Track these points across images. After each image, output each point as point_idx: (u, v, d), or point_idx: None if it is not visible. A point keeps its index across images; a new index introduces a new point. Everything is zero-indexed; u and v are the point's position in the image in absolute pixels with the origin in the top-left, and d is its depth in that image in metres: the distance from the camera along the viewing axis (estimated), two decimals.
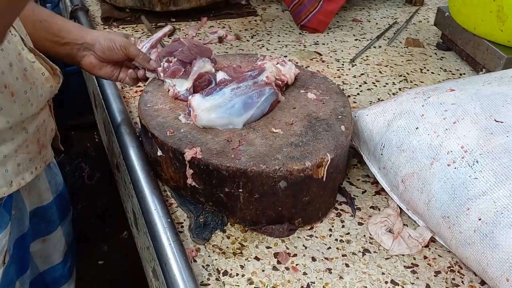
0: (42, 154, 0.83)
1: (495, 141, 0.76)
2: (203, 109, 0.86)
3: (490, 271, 0.71)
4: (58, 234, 0.98)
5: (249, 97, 0.88)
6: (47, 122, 0.83)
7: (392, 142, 0.87)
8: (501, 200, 0.71)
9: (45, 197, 0.92)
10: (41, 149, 0.82)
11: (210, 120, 0.86)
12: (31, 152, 0.79)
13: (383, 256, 0.81)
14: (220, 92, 0.89)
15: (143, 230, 0.86)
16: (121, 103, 1.07)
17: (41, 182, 0.90)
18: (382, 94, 1.25)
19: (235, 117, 0.86)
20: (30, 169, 0.79)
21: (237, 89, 0.89)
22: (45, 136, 0.83)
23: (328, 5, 1.52)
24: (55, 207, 0.95)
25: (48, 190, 0.92)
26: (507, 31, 1.19)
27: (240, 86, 0.90)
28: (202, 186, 0.83)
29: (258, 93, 0.89)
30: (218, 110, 0.86)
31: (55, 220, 0.96)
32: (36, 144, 0.80)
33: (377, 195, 0.93)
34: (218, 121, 0.86)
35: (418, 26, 1.64)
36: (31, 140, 0.78)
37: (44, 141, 0.83)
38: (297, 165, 0.79)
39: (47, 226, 0.95)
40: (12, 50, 0.72)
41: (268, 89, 0.89)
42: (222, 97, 0.88)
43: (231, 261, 0.78)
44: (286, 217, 0.84)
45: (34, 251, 0.94)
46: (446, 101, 0.85)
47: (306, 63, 1.37)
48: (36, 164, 0.81)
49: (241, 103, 0.87)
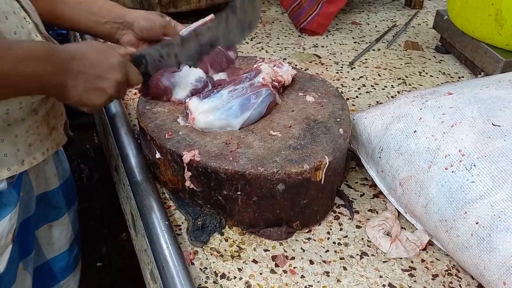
0: (53, 136, 0.85)
1: (492, 145, 0.76)
2: (201, 111, 0.86)
3: (487, 275, 0.71)
4: (65, 221, 0.99)
5: (246, 99, 0.88)
6: (56, 106, 0.86)
7: (390, 145, 0.87)
8: (498, 204, 0.71)
9: (52, 182, 0.94)
10: (52, 131, 0.84)
11: (208, 122, 0.86)
12: (42, 134, 0.82)
13: (381, 259, 0.81)
14: (217, 95, 0.89)
15: (141, 232, 0.86)
16: (119, 105, 1.07)
17: (49, 166, 0.92)
18: (380, 97, 1.25)
19: (233, 118, 0.86)
20: (41, 150, 0.82)
21: (234, 91, 0.89)
22: (55, 119, 0.85)
23: (328, 8, 1.52)
24: (62, 193, 0.97)
25: (56, 175, 0.94)
26: (505, 34, 1.20)
27: (237, 88, 0.90)
28: (200, 189, 0.83)
29: (255, 94, 0.89)
30: (216, 112, 0.86)
31: (62, 207, 0.98)
32: (46, 126, 0.83)
33: (375, 198, 0.93)
34: (216, 123, 0.86)
35: (417, 29, 1.65)
36: (40, 121, 0.81)
37: (54, 124, 0.85)
38: (295, 168, 0.79)
39: (54, 212, 0.96)
40: (25, 35, 0.76)
41: (264, 90, 0.89)
42: (219, 99, 0.88)
43: (229, 264, 0.78)
44: (284, 220, 0.84)
45: (42, 237, 0.96)
46: (444, 104, 0.85)
47: (305, 65, 1.37)
48: (47, 145, 0.84)
49: (238, 104, 0.87)
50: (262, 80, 0.92)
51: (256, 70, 0.94)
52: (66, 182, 0.98)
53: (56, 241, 0.99)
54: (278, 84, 0.95)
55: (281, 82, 0.96)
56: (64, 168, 0.98)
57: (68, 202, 0.99)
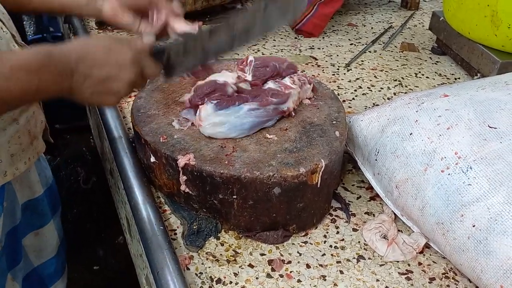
0: (34, 145, 0.84)
1: (488, 147, 0.76)
2: (211, 123, 0.84)
3: (484, 278, 0.71)
4: (51, 227, 0.99)
5: (260, 122, 0.86)
6: (37, 114, 0.84)
7: (387, 147, 0.87)
8: (495, 207, 0.70)
9: (36, 189, 0.93)
10: (33, 140, 0.83)
11: (214, 134, 0.85)
12: (23, 143, 0.80)
13: (378, 262, 0.81)
14: (236, 108, 0.85)
15: (136, 237, 0.85)
16: (114, 109, 1.06)
17: (32, 174, 0.91)
18: (377, 98, 1.25)
19: (238, 133, 0.85)
20: (23, 160, 0.81)
21: (255, 111, 0.85)
22: (35, 127, 0.84)
23: (323, 9, 1.52)
24: (46, 200, 0.96)
25: (39, 182, 0.93)
26: (501, 35, 1.20)
27: (260, 109, 0.86)
28: (195, 193, 0.83)
29: (271, 117, 0.88)
30: (226, 126, 0.84)
31: (47, 213, 0.97)
32: (28, 135, 0.81)
33: (371, 201, 0.93)
34: (220, 135, 0.85)
35: (413, 31, 1.65)
36: (22, 131, 0.79)
37: (35, 132, 0.84)
38: (291, 171, 0.78)
39: (39, 219, 0.96)
40: (3, 46, 0.74)
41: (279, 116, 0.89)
42: (235, 113, 0.84)
43: (224, 269, 0.77)
44: (281, 224, 0.83)
45: (28, 245, 0.94)
46: (440, 106, 0.85)
47: (301, 67, 1.37)
48: (29, 154, 0.82)
49: (251, 124, 0.85)
50: (286, 109, 0.89)
51: (286, 96, 0.89)
52: (50, 189, 0.97)
53: (43, 248, 0.98)
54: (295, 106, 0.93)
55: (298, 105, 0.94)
56: (47, 174, 0.97)
57: (53, 208, 0.99)
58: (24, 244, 0.93)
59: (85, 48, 0.67)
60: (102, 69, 0.66)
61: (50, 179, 0.98)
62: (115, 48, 0.68)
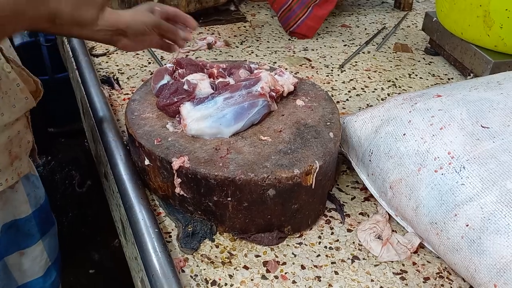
0: (15, 166, 0.81)
1: (481, 146, 0.76)
2: (193, 118, 0.85)
3: (478, 277, 0.71)
4: (39, 248, 0.96)
5: (241, 108, 0.87)
6: (22, 133, 0.82)
7: (380, 148, 0.87)
8: (488, 206, 0.71)
9: (23, 209, 0.90)
10: (13, 160, 0.80)
11: (200, 129, 0.85)
12: (1, 163, 0.77)
13: (372, 263, 0.81)
14: (212, 101, 0.88)
15: (131, 240, 0.85)
16: (108, 111, 1.06)
17: (19, 194, 0.88)
18: (371, 99, 1.25)
19: (225, 127, 0.85)
20: (0, 180, 0.78)
21: (230, 99, 0.88)
22: (19, 147, 0.82)
23: (317, 11, 1.52)
24: (35, 221, 0.93)
25: (27, 202, 0.90)
26: (494, 36, 1.20)
27: (233, 96, 0.89)
28: (190, 195, 0.83)
29: (251, 104, 0.88)
30: (209, 120, 0.85)
31: (34, 234, 0.94)
32: (7, 155, 0.79)
33: (366, 202, 0.93)
34: (207, 131, 0.85)
35: (407, 31, 1.65)
36: (1, 150, 0.77)
37: (17, 153, 0.81)
38: (286, 173, 0.78)
39: (25, 239, 0.93)
40: None
41: (261, 101, 0.89)
42: (213, 106, 0.87)
43: (219, 271, 0.77)
44: (276, 225, 0.83)
45: (12, 264, 0.92)
46: (433, 107, 0.85)
47: (295, 69, 1.37)
48: (6, 175, 0.79)
49: (233, 113, 0.86)
50: (260, 90, 0.91)
51: (256, 78, 0.93)
52: (40, 209, 0.95)
53: (28, 268, 0.96)
54: (276, 94, 0.94)
55: (279, 91, 0.95)
56: (38, 194, 0.95)
57: (42, 228, 0.96)
58: (7, 262, 0.91)
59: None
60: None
61: (41, 199, 0.96)
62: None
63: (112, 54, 1.41)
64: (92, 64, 1.29)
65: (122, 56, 1.40)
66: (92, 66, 1.27)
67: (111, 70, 1.33)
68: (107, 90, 1.22)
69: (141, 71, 1.33)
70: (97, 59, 1.39)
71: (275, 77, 0.96)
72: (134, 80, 1.29)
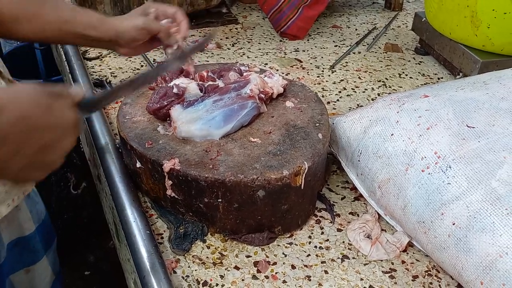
0: (20, 185, 0.80)
1: (467, 146, 0.77)
2: (183, 121, 0.86)
3: (465, 275, 0.73)
4: (43, 264, 0.96)
5: (230, 110, 0.88)
6: None
7: (369, 148, 0.88)
8: (474, 205, 0.72)
9: (27, 227, 0.90)
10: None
11: (189, 131, 0.86)
12: (7, 184, 0.75)
13: (362, 262, 0.82)
14: (201, 104, 0.89)
15: (123, 241, 0.86)
16: (101, 115, 1.07)
17: (22, 212, 0.88)
18: (361, 100, 1.26)
19: (215, 129, 0.86)
20: (7, 202, 0.77)
21: (219, 101, 0.89)
22: None
23: (308, 12, 1.53)
24: (38, 237, 0.93)
25: (30, 220, 0.90)
26: (481, 36, 1.22)
27: (222, 98, 0.90)
28: (181, 197, 0.84)
29: (240, 106, 0.89)
30: (198, 122, 0.86)
31: (39, 250, 0.94)
32: None
33: (356, 201, 0.94)
34: (197, 133, 0.86)
35: (397, 31, 1.67)
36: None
37: None
38: (275, 174, 0.79)
39: (30, 256, 0.93)
40: None
41: (250, 103, 0.90)
42: (203, 108, 0.88)
43: (211, 271, 0.78)
44: (266, 226, 0.84)
45: (17, 281, 0.91)
46: (420, 107, 0.87)
47: (286, 70, 1.38)
48: (13, 195, 0.78)
49: (222, 115, 0.87)
50: (249, 92, 0.92)
51: (245, 80, 0.94)
52: (42, 224, 0.94)
53: (35, 286, 0.95)
54: (265, 96, 0.95)
55: (268, 93, 0.96)
56: (39, 210, 0.94)
57: (46, 243, 0.96)
58: (13, 280, 0.90)
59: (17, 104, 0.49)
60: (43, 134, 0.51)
61: (42, 214, 0.95)
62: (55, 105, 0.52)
63: (105, 58, 1.41)
64: (85, 68, 1.29)
65: (115, 59, 1.41)
66: (85, 69, 1.28)
67: (104, 73, 1.34)
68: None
69: (134, 74, 1.34)
70: (90, 62, 1.39)
71: (265, 79, 0.98)
72: None
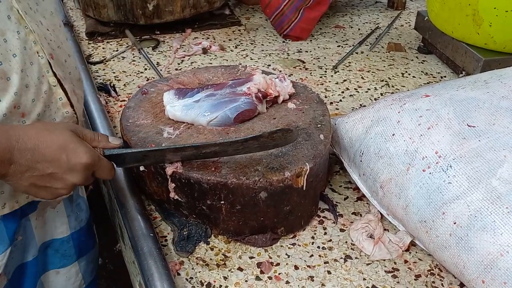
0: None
1: (467, 145, 0.78)
2: (172, 105, 0.92)
3: (466, 274, 0.73)
4: (74, 269, 0.97)
5: (218, 102, 0.91)
6: None
7: (370, 148, 0.88)
8: (474, 204, 0.72)
9: (62, 230, 0.92)
10: None
11: (176, 117, 0.91)
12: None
13: (365, 261, 0.82)
14: (194, 96, 0.93)
15: (128, 244, 0.87)
16: (105, 118, 1.08)
17: (59, 215, 0.90)
18: (364, 100, 1.27)
19: (200, 116, 0.90)
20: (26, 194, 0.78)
21: (212, 95, 0.93)
22: None
23: (309, 13, 1.54)
24: (73, 242, 0.94)
25: (66, 224, 0.92)
26: (483, 34, 1.22)
27: (215, 94, 0.93)
28: (184, 199, 0.84)
29: (231, 100, 0.91)
30: (185, 108, 0.91)
31: (71, 255, 0.95)
32: None
33: (358, 201, 0.95)
34: (183, 117, 0.91)
35: (400, 31, 1.67)
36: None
37: None
38: (277, 175, 0.80)
39: (61, 259, 0.94)
40: (34, 71, 0.71)
41: (243, 99, 0.91)
42: (194, 98, 0.93)
43: (214, 273, 0.79)
44: (269, 227, 0.85)
45: (47, 281, 0.93)
46: (421, 107, 0.87)
47: (289, 71, 1.39)
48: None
49: (210, 105, 0.91)
50: (246, 90, 0.93)
51: (246, 80, 0.95)
52: (80, 231, 0.95)
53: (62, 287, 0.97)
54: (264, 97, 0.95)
55: (271, 95, 0.96)
56: (79, 217, 0.96)
57: (80, 251, 0.97)
58: (43, 280, 0.92)
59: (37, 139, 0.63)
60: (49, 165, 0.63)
61: (83, 222, 0.96)
62: (70, 148, 0.65)
63: (109, 62, 1.43)
64: (89, 72, 1.31)
65: (119, 63, 1.42)
66: (89, 73, 1.30)
67: (108, 77, 1.35)
68: (104, 97, 1.24)
69: (138, 78, 1.35)
70: (94, 66, 1.41)
71: (275, 81, 0.98)
72: (131, 87, 1.30)
